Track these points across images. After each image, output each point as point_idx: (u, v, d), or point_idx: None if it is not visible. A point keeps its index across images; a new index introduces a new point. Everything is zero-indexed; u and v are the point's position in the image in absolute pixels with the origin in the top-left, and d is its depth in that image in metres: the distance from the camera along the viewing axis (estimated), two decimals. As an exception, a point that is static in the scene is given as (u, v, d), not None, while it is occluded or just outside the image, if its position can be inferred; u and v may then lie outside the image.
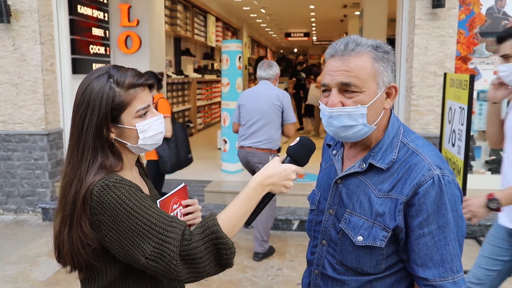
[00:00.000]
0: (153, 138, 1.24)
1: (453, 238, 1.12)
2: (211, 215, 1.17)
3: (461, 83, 3.21)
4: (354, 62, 1.14)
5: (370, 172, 1.20)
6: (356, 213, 1.20)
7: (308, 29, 18.69)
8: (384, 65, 1.17)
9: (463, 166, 3.16)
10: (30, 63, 4.81)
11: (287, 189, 1.23)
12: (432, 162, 1.13)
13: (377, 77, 1.15)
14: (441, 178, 1.11)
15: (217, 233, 1.12)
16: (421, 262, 1.13)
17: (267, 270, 3.68)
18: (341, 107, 1.15)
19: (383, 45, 1.19)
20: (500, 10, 4.55)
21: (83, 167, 1.16)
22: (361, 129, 1.16)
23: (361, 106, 1.14)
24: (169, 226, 1.13)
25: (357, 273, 1.21)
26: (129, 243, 1.11)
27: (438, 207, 1.10)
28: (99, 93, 1.17)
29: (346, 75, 1.14)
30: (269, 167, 1.22)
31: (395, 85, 1.20)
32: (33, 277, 3.56)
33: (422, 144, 1.19)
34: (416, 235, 1.12)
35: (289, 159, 1.25)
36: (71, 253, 1.15)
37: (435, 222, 1.10)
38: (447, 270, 1.11)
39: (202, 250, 1.10)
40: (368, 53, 1.16)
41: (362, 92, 1.14)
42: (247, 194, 1.20)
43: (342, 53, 1.16)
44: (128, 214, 1.11)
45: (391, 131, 1.21)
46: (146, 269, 1.12)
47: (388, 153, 1.19)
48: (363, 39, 1.19)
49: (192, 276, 1.12)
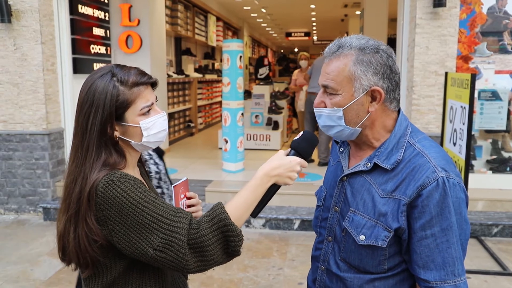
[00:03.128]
0: (156, 136, 1.26)
1: (455, 241, 1.11)
2: (218, 204, 1.18)
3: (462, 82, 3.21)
4: (333, 65, 1.18)
5: (375, 172, 1.20)
6: (359, 212, 1.20)
7: (308, 29, 18.67)
8: (363, 68, 1.15)
9: (464, 166, 3.16)
10: (31, 63, 4.81)
11: (292, 181, 1.25)
12: (437, 164, 1.13)
13: (353, 80, 1.16)
14: (446, 181, 1.10)
15: (225, 220, 1.13)
16: (423, 263, 1.12)
17: (268, 269, 3.68)
18: (321, 108, 1.22)
19: (373, 45, 1.17)
20: (501, 9, 4.55)
21: (87, 165, 1.17)
22: (343, 130, 1.21)
23: (337, 108, 1.18)
24: (176, 216, 1.14)
25: (359, 271, 1.21)
26: (137, 236, 1.12)
27: (441, 210, 1.10)
28: (103, 92, 1.18)
29: (326, 78, 1.19)
30: (274, 159, 1.25)
31: (378, 89, 1.16)
32: (34, 277, 3.56)
33: (428, 145, 1.18)
34: (418, 237, 1.12)
35: (293, 152, 1.28)
36: (77, 251, 1.16)
37: (438, 224, 1.10)
38: (448, 273, 1.11)
39: (210, 238, 1.12)
40: (349, 56, 1.16)
41: (338, 95, 1.18)
42: (254, 184, 1.22)
43: (328, 55, 1.21)
44: (134, 207, 1.12)
45: (398, 131, 1.21)
46: (154, 261, 1.13)
47: (393, 153, 1.18)
48: (352, 39, 1.18)
49: (200, 265, 1.13)
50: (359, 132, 1.21)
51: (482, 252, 3.96)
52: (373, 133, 1.22)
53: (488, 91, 4.53)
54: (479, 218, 4.34)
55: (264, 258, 3.89)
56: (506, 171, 4.75)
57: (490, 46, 4.58)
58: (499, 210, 4.53)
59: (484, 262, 3.75)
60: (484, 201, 4.54)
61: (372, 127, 1.21)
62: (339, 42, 1.19)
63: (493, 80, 4.60)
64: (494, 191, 4.69)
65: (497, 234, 4.27)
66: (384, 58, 1.17)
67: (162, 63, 7.34)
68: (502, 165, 4.76)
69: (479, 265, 3.68)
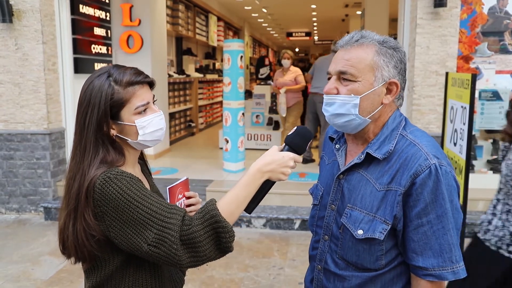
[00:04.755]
0: (153, 134, 1.28)
1: (451, 228, 1.12)
2: (210, 200, 1.20)
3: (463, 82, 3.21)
4: (355, 52, 1.18)
5: (371, 166, 1.21)
6: (357, 208, 1.20)
7: (309, 29, 18.67)
8: (386, 59, 1.18)
9: (465, 166, 3.16)
10: (32, 63, 4.82)
11: (286, 176, 1.25)
12: (429, 151, 1.14)
13: (375, 69, 1.17)
14: (438, 168, 1.11)
15: (216, 217, 1.14)
16: (420, 251, 1.13)
17: (269, 269, 3.68)
18: (335, 95, 1.19)
19: (391, 41, 1.20)
20: (502, 9, 4.54)
21: (85, 162, 1.20)
22: (353, 119, 1.19)
23: (354, 96, 1.17)
24: (169, 213, 1.16)
25: (357, 269, 1.22)
26: (132, 231, 1.15)
27: (435, 197, 1.11)
28: (98, 91, 1.21)
29: (344, 64, 1.18)
30: (267, 155, 1.24)
31: (396, 81, 1.19)
32: (35, 276, 3.57)
33: (420, 135, 1.20)
34: (415, 225, 1.13)
35: (287, 148, 1.27)
36: (75, 245, 1.20)
37: (433, 211, 1.11)
38: (445, 260, 1.12)
39: (202, 234, 1.13)
40: (371, 46, 1.18)
41: (356, 82, 1.17)
42: (246, 180, 1.22)
43: (347, 43, 1.20)
44: (129, 204, 1.14)
45: (391, 124, 1.22)
46: (148, 256, 1.15)
47: (385, 144, 1.20)
48: (371, 33, 1.21)
49: (193, 260, 1.15)
50: (366, 124, 1.21)
51: (483, 252, 3.96)
52: (374, 127, 1.23)
53: (488, 91, 4.54)
54: (480, 218, 4.33)
55: (265, 258, 3.90)
56: (507, 171, 4.74)
57: (490, 46, 4.58)
58: (500, 210, 4.52)
59: (485, 262, 3.74)
60: (484, 201, 4.53)
61: (377, 120, 1.22)
62: (361, 33, 1.21)
63: (494, 80, 4.60)
64: (494, 191, 4.67)
65: (497, 234, 4.26)
66: (402, 55, 1.21)
67: (163, 63, 7.34)
68: (502, 165, 4.75)
69: (480, 265, 3.67)
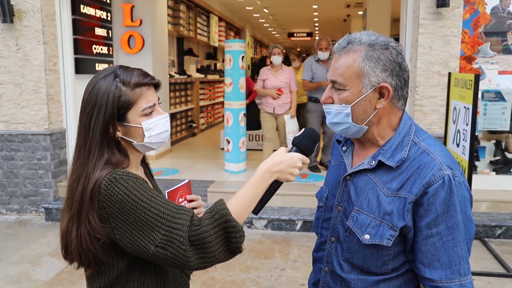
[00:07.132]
0: (158, 137, 1.26)
1: (461, 240, 1.10)
2: (220, 200, 1.18)
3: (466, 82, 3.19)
4: (342, 60, 1.18)
5: (380, 170, 1.19)
6: (363, 211, 1.18)
7: (311, 29, 18.66)
8: (372, 64, 1.14)
9: (467, 167, 3.14)
10: (33, 63, 4.81)
11: (294, 177, 1.25)
12: (443, 162, 1.12)
13: (362, 76, 1.15)
14: (452, 179, 1.09)
15: (226, 216, 1.13)
16: (428, 262, 1.11)
17: (271, 270, 3.67)
18: (329, 105, 1.22)
19: (382, 42, 1.16)
20: (504, 9, 4.52)
21: (90, 164, 1.18)
22: (349, 127, 1.20)
23: (346, 105, 1.17)
24: (177, 213, 1.14)
25: (363, 272, 1.19)
26: (139, 233, 1.12)
27: (447, 208, 1.08)
28: (105, 92, 1.19)
29: (334, 73, 1.19)
30: (276, 155, 1.24)
31: (387, 86, 1.15)
32: (35, 277, 3.55)
33: (433, 144, 1.18)
34: (424, 235, 1.11)
35: (295, 149, 1.28)
36: (79, 249, 1.17)
37: (444, 222, 1.09)
38: (454, 272, 1.09)
39: (212, 234, 1.11)
40: (358, 51, 1.15)
41: (345, 90, 1.17)
42: (255, 181, 1.21)
43: (338, 51, 1.20)
44: (136, 205, 1.12)
45: (403, 129, 1.20)
46: (155, 258, 1.13)
47: (398, 151, 1.17)
48: (362, 35, 1.18)
49: (201, 262, 1.12)
50: (365, 130, 1.21)
51: (486, 253, 3.94)
52: (378, 130, 1.21)
53: (491, 92, 4.51)
54: (483, 219, 4.32)
55: (266, 259, 3.88)
56: (510, 172, 4.73)
57: (493, 46, 4.56)
58: (503, 211, 4.50)
59: (488, 264, 3.72)
60: (487, 202, 4.52)
61: (378, 124, 1.20)
62: (348, 38, 1.19)
63: (497, 81, 4.58)
64: (497, 192, 4.66)
65: (500, 235, 4.24)
66: (393, 55, 1.16)
67: (164, 63, 7.33)
68: (505, 166, 4.74)
69: (483, 267, 3.65)
